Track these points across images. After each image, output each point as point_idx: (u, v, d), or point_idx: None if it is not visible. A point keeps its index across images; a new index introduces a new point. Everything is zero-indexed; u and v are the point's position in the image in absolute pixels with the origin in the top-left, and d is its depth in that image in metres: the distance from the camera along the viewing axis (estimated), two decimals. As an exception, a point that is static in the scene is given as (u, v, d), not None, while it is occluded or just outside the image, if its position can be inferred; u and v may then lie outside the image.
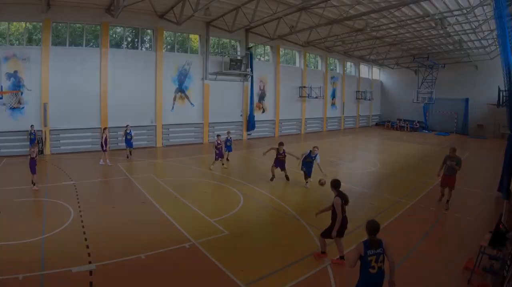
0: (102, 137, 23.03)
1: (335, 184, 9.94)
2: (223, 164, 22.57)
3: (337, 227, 9.48)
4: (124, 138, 24.91)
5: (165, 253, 10.30)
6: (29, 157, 16.32)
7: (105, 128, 23.85)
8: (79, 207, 13.96)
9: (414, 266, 9.77)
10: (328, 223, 9.77)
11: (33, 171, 16.13)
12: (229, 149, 24.49)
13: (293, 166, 19.52)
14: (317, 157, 17.88)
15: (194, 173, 21.20)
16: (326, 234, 9.85)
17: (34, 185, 16.21)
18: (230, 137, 24.85)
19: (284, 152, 19.04)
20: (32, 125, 24.76)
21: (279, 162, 19.11)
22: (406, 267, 9.61)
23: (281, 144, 19.23)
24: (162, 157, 26.11)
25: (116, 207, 14.66)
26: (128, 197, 16.50)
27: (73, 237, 11.00)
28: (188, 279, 9.00)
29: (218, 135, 22.53)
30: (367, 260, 6.88)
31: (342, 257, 9.80)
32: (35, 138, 24.77)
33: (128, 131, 24.67)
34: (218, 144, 21.81)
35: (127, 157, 24.93)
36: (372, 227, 7.01)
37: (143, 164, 23.81)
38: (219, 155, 21.99)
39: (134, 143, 26.57)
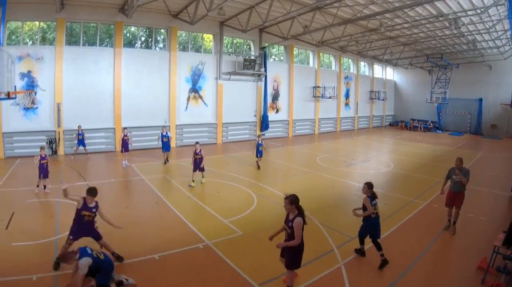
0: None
1: (295, 199, 8.53)
2: (193, 181, 17.97)
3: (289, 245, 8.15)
4: (160, 141, 23.82)
5: (179, 253, 10.34)
6: (38, 159, 15.81)
7: (124, 129, 23.84)
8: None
9: (428, 265, 9.77)
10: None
11: (43, 174, 15.87)
12: (260, 153, 22.72)
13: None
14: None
15: (207, 173, 20.64)
16: (291, 265, 8.25)
17: (44, 187, 15.99)
18: (262, 141, 22.98)
19: None
20: (79, 126, 25.01)
21: None
22: (420, 267, 9.68)
23: None
24: (175, 158, 25.90)
25: (130, 207, 14.64)
26: (142, 197, 16.49)
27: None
28: (202, 279, 9.00)
29: (196, 143, 18.93)
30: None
31: None
32: (83, 139, 25.01)
33: (164, 133, 23.37)
34: (197, 154, 18.17)
35: (164, 163, 23.71)
36: (371, 184, 10.10)
37: (156, 164, 23.65)
38: (196, 166, 18.20)
39: (148, 143, 26.89)
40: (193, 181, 17.96)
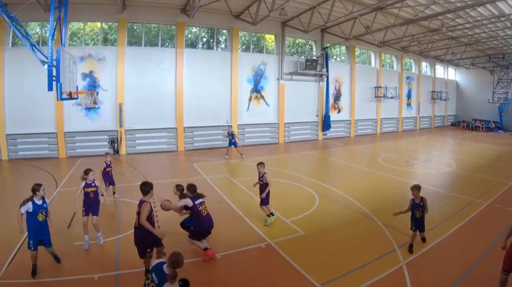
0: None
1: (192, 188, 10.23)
2: (271, 215, 12.62)
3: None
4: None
5: (241, 253, 10.28)
6: (103, 167, 14.88)
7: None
8: (154, 207, 13.77)
9: (491, 264, 9.13)
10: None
11: (108, 182, 14.94)
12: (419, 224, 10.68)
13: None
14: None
15: (269, 172, 20.21)
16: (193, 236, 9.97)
17: (114, 193, 15.26)
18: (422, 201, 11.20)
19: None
20: (230, 126, 25.70)
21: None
22: (482, 266, 9.30)
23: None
24: (237, 157, 25.66)
25: None
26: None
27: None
28: (263, 279, 8.90)
29: (259, 164, 13.29)
30: (197, 209, 9.70)
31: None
32: (234, 138, 25.01)
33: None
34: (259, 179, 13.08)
35: None
36: (194, 187, 10.15)
37: (218, 164, 23.67)
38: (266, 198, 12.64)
39: (209, 143, 27.22)
40: (271, 214, 12.63)
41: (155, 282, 5.92)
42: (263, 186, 12.71)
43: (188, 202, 9.77)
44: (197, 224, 10.01)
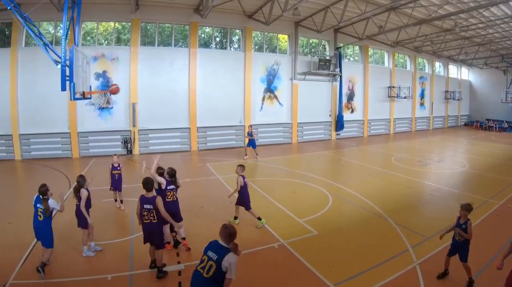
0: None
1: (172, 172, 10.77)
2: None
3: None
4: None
5: (254, 253, 10.21)
6: (110, 169, 14.08)
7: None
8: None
9: (504, 264, 9.02)
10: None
11: (114, 186, 14.09)
12: None
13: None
14: None
15: (282, 172, 20.89)
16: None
17: (117, 201, 14.41)
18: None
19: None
20: (250, 126, 25.74)
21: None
22: (494, 267, 8.84)
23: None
24: (250, 157, 25.61)
25: (205, 207, 14.40)
26: (217, 197, 16.08)
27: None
28: (277, 279, 8.84)
29: (239, 166, 12.38)
30: (165, 193, 10.05)
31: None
32: (252, 136, 24.91)
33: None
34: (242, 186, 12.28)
35: None
36: (174, 172, 10.88)
37: (231, 163, 23.25)
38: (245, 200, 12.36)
39: (222, 143, 27.22)
40: (235, 218, 12.65)
41: (213, 259, 5.90)
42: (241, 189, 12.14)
43: (163, 182, 10.24)
44: None
